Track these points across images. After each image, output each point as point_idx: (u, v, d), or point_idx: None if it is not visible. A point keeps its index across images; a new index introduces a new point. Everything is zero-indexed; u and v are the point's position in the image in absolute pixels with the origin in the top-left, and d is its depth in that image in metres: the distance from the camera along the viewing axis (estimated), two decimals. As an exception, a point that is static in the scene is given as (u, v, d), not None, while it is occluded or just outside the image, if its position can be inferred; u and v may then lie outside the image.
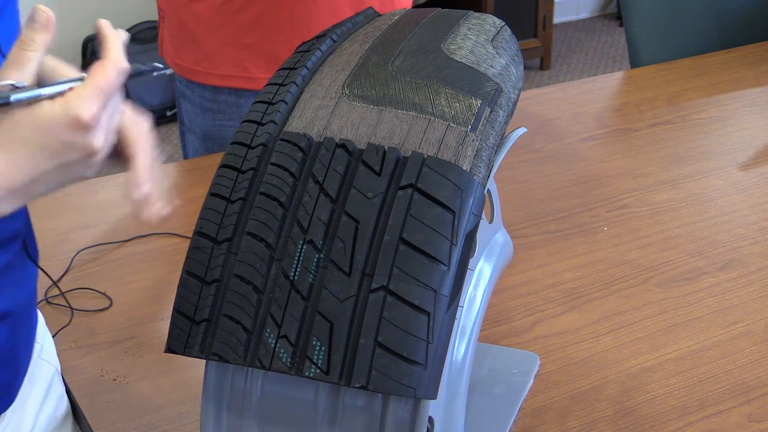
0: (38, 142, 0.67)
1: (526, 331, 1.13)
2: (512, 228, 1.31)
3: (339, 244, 0.67)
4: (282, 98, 0.76)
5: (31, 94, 0.67)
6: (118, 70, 0.72)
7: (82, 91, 0.69)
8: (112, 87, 0.71)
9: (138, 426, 0.99)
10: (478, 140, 0.73)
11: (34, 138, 0.67)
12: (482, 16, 0.89)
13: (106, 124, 0.71)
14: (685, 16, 2.02)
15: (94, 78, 0.70)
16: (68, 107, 0.67)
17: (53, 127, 0.67)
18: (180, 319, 0.70)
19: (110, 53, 0.72)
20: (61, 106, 0.67)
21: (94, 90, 0.69)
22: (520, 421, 0.99)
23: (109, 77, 0.70)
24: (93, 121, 0.68)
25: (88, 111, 0.68)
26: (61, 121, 0.67)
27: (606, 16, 4.80)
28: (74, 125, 0.68)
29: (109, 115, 0.72)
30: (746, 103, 1.72)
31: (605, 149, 1.56)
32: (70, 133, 0.68)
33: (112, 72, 0.71)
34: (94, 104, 0.68)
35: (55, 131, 0.67)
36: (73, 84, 0.70)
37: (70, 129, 0.68)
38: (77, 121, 0.68)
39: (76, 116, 0.67)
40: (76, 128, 0.68)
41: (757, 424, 0.99)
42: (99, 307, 1.17)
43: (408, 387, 0.64)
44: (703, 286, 1.21)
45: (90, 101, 0.68)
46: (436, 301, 0.65)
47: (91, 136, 0.69)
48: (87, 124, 0.68)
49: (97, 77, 0.70)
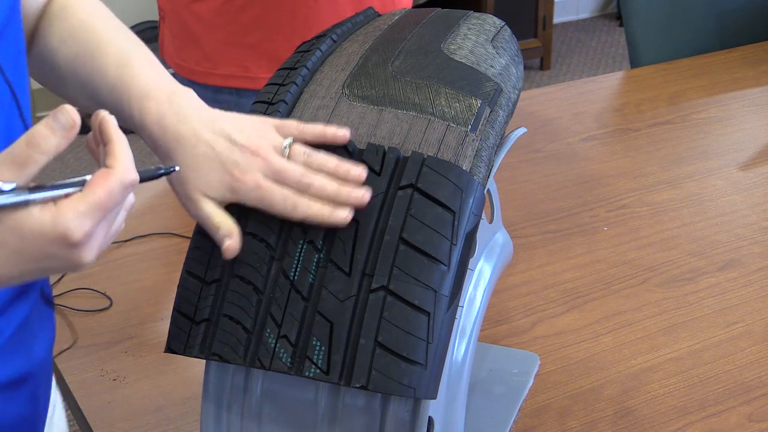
0: (18, 247, 0.60)
1: (526, 331, 1.13)
2: (512, 228, 1.31)
3: (339, 244, 0.67)
4: (282, 98, 0.76)
5: (18, 200, 0.59)
6: (125, 185, 0.62)
7: (77, 204, 0.59)
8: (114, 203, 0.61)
9: (138, 426, 0.99)
10: (478, 140, 0.73)
11: (13, 243, 0.59)
12: (482, 16, 0.89)
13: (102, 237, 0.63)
14: (685, 16, 2.02)
15: (95, 191, 0.60)
16: (58, 221, 0.59)
17: (37, 239, 0.59)
18: (180, 319, 0.70)
19: (117, 162, 0.62)
20: (51, 218, 0.59)
21: (92, 206, 0.60)
22: (520, 421, 0.99)
23: (112, 193, 0.61)
24: (84, 239, 0.60)
25: (80, 229, 0.59)
26: (46, 234, 0.59)
27: (606, 16, 4.80)
28: (62, 241, 0.59)
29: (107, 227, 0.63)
30: (746, 103, 1.72)
31: (605, 149, 1.56)
32: (54, 248, 0.60)
33: (116, 187, 0.61)
34: (87, 221, 0.60)
35: (39, 243, 0.59)
36: (70, 190, 0.60)
37: (56, 244, 0.60)
38: (65, 238, 0.59)
39: (65, 233, 0.59)
40: (62, 244, 0.60)
41: (757, 424, 0.99)
42: (99, 306, 1.17)
43: (408, 387, 0.64)
44: (703, 286, 1.21)
45: (84, 217, 0.59)
46: (436, 301, 0.65)
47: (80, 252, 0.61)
48: (76, 242, 0.60)
49: (98, 191, 0.60)
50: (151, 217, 1.35)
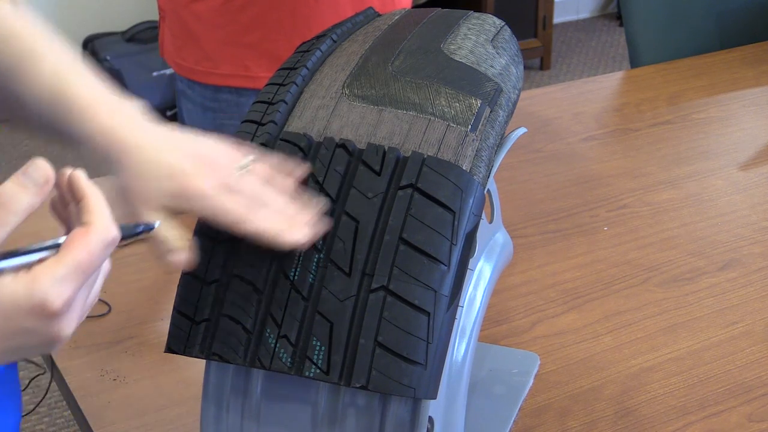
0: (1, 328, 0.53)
1: (526, 331, 1.13)
2: (512, 228, 1.31)
3: (339, 244, 0.67)
4: (282, 98, 0.76)
5: None
6: (106, 243, 0.56)
7: (55, 268, 0.53)
8: (96, 265, 0.55)
9: (138, 426, 0.99)
10: (478, 140, 0.73)
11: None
12: (482, 16, 0.89)
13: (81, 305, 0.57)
14: (685, 16, 2.02)
15: (73, 253, 0.54)
16: (34, 290, 0.53)
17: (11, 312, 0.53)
18: (180, 319, 0.70)
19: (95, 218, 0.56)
20: (25, 287, 0.53)
21: (71, 269, 0.54)
22: (520, 421, 0.99)
23: (92, 254, 0.55)
24: (63, 308, 0.54)
25: (59, 297, 0.53)
26: (22, 306, 0.53)
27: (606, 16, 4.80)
28: (39, 312, 0.53)
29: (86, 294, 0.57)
30: (746, 103, 1.72)
31: (605, 149, 1.56)
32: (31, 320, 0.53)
33: (97, 245, 0.55)
34: (67, 288, 0.54)
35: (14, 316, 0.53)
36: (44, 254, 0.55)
37: (32, 316, 0.53)
38: (43, 309, 0.53)
39: (43, 302, 0.53)
40: (40, 315, 0.53)
41: (757, 424, 0.99)
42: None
43: (408, 387, 0.64)
44: (703, 286, 1.21)
45: (63, 283, 0.53)
46: (436, 301, 0.65)
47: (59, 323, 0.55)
48: (55, 312, 0.54)
49: (76, 252, 0.54)
50: (151, 217, 1.35)
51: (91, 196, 0.57)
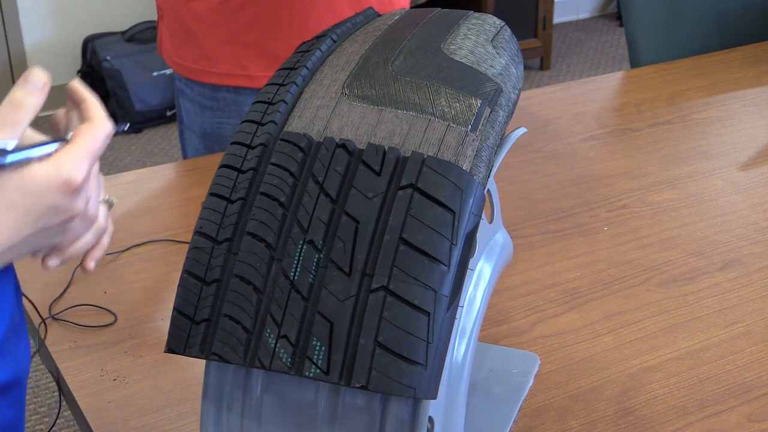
0: (26, 206, 0.65)
1: (526, 331, 1.13)
2: (512, 228, 1.31)
3: (339, 244, 0.67)
4: (282, 98, 0.76)
5: (23, 157, 0.65)
6: (106, 134, 0.70)
7: (73, 153, 0.67)
8: (100, 150, 0.69)
9: (138, 426, 0.99)
10: (478, 140, 0.73)
11: (22, 202, 0.65)
12: (482, 16, 0.89)
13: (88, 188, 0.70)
14: (685, 16, 2.02)
15: (83, 140, 0.68)
16: (60, 170, 0.65)
17: (44, 191, 0.65)
18: (180, 319, 0.70)
19: (95, 115, 0.71)
20: (54, 169, 0.65)
21: (85, 153, 0.67)
22: (520, 421, 0.99)
23: (98, 140, 0.69)
24: (83, 184, 0.67)
25: (80, 175, 0.66)
26: (52, 184, 0.65)
27: (606, 16, 4.80)
28: (65, 189, 0.66)
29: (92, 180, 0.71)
30: (746, 103, 1.72)
31: (605, 149, 1.56)
32: (59, 197, 0.66)
33: (101, 135, 0.69)
34: (84, 167, 0.67)
35: (46, 195, 0.65)
36: (59, 145, 0.67)
37: (60, 193, 0.66)
38: (69, 185, 0.66)
39: (69, 180, 0.66)
40: (66, 192, 0.66)
41: (757, 424, 0.99)
42: (103, 322, 1.17)
43: (408, 387, 0.64)
44: (703, 286, 1.21)
45: (81, 164, 0.67)
46: (436, 301, 0.65)
47: (77, 200, 0.67)
48: (77, 187, 0.66)
49: (86, 140, 0.68)
50: (151, 217, 1.35)
51: (90, 99, 0.71)
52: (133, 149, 3.56)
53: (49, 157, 0.66)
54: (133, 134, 3.67)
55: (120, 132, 0.75)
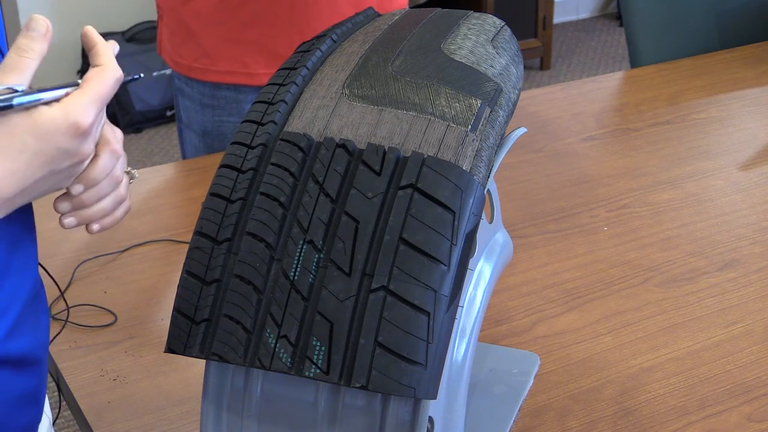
0: (36, 148, 0.66)
1: (526, 331, 1.13)
2: (512, 228, 1.31)
3: (339, 244, 0.67)
4: (282, 98, 0.76)
5: (32, 98, 0.66)
6: (116, 79, 0.72)
7: (81, 97, 0.68)
8: (109, 95, 0.71)
9: (138, 426, 0.99)
10: (478, 140, 0.73)
11: (32, 144, 0.66)
12: (482, 16, 0.89)
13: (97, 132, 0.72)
14: (685, 16, 2.02)
15: (92, 85, 0.70)
16: (68, 113, 0.67)
17: (53, 133, 0.67)
18: (180, 319, 0.70)
19: (107, 60, 0.72)
20: (62, 112, 0.67)
21: (93, 97, 0.69)
22: (520, 421, 0.99)
23: (107, 85, 0.71)
24: (91, 128, 0.68)
25: (87, 118, 0.68)
26: (60, 127, 0.67)
27: (606, 16, 4.80)
28: (73, 132, 0.67)
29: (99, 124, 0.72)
30: (746, 103, 1.72)
31: (605, 149, 1.56)
32: (67, 140, 0.68)
33: (110, 80, 0.71)
34: (92, 111, 0.68)
35: (55, 137, 0.67)
36: (69, 89, 0.69)
37: (68, 135, 0.67)
38: (77, 128, 0.67)
39: (76, 123, 0.67)
40: (74, 135, 0.68)
41: (757, 424, 0.99)
42: (103, 322, 1.17)
43: (408, 387, 0.64)
44: (703, 286, 1.21)
45: (89, 108, 0.68)
46: (436, 301, 0.65)
47: (86, 143, 0.69)
48: (85, 130, 0.68)
49: (95, 84, 0.70)
50: (151, 217, 1.35)
51: (101, 44, 0.73)
52: (133, 149, 3.56)
53: (58, 101, 0.67)
54: (133, 134, 3.67)
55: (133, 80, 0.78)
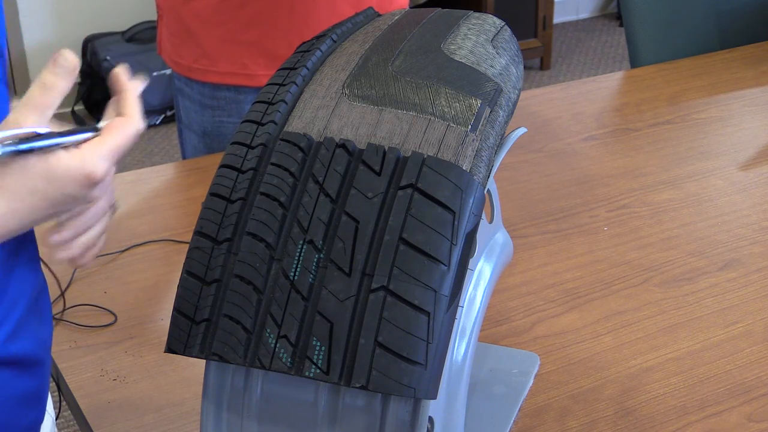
0: (46, 192, 0.66)
1: (526, 331, 1.13)
2: (512, 228, 1.31)
3: (339, 244, 0.67)
4: (282, 98, 0.76)
5: (52, 143, 0.66)
6: (137, 132, 0.71)
7: (99, 147, 0.68)
8: (128, 148, 0.71)
9: (138, 426, 0.99)
10: (478, 140, 0.73)
11: (42, 188, 0.66)
12: (482, 16, 0.89)
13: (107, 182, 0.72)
14: (685, 16, 2.02)
15: (113, 136, 0.69)
16: (85, 163, 0.67)
17: (66, 180, 0.67)
18: (180, 319, 0.70)
19: (132, 111, 0.72)
20: (78, 161, 0.67)
21: (112, 149, 0.69)
22: (520, 421, 0.99)
23: (128, 137, 0.70)
24: (103, 178, 0.68)
25: (102, 169, 0.68)
26: (75, 175, 0.67)
27: (606, 16, 4.80)
28: (86, 181, 0.67)
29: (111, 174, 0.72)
30: (746, 103, 1.72)
31: (605, 149, 1.56)
32: (78, 188, 0.67)
33: (132, 133, 0.71)
34: (107, 163, 0.68)
35: (67, 184, 0.67)
36: (88, 135, 0.69)
37: (80, 184, 0.67)
38: (90, 179, 0.67)
39: (91, 173, 0.67)
40: (86, 184, 0.67)
41: (757, 424, 0.99)
42: (103, 322, 1.17)
43: (408, 387, 0.64)
44: (703, 286, 1.21)
45: (106, 159, 0.68)
46: (436, 301, 0.65)
47: (94, 191, 0.69)
48: (97, 181, 0.68)
49: (115, 136, 0.69)
50: (151, 218, 1.35)
51: (130, 91, 0.73)
52: (133, 149, 3.57)
53: (76, 147, 0.67)
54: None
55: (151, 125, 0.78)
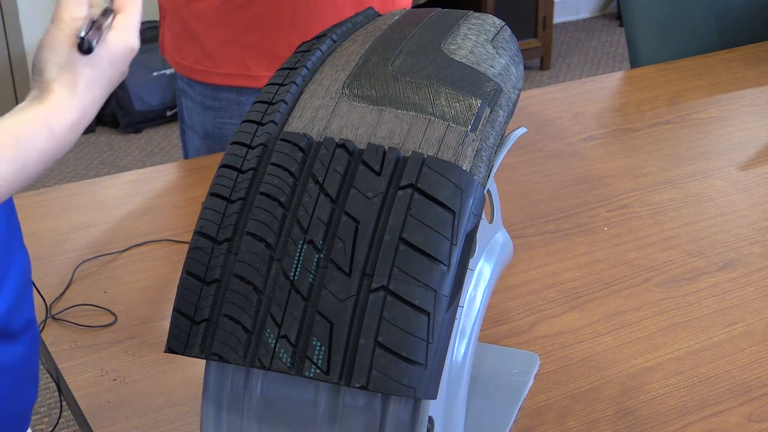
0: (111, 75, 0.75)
1: (526, 331, 1.13)
2: (512, 228, 1.31)
3: (339, 244, 0.67)
4: (282, 98, 0.76)
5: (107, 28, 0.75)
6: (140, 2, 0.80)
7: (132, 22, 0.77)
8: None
9: (138, 426, 0.99)
10: (478, 140, 0.73)
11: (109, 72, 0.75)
12: (482, 16, 0.89)
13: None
14: (685, 16, 2.02)
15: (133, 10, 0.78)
16: (128, 40, 0.76)
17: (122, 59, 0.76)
18: (180, 319, 0.70)
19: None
20: (124, 39, 0.76)
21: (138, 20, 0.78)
22: (520, 421, 0.99)
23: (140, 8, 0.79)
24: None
25: (138, 42, 0.77)
26: (126, 53, 0.76)
27: (606, 16, 4.80)
28: (131, 56, 0.77)
29: None
30: (746, 103, 1.72)
31: (605, 149, 1.56)
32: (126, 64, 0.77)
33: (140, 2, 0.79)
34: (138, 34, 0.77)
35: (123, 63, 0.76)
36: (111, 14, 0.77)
37: (128, 59, 0.77)
38: (133, 51, 0.77)
39: (134, 48, 0.77)
40: (130, 59, 0.77)
41: (757, 424, 0.99)
42: (103, 322, 1.17)
43: (408, 387, 0.64)
44: (703, 286, 1.21)
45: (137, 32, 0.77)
46: (436, 301, 0.65)
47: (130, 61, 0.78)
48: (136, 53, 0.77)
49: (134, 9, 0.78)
50: (151, 218, 1.35)
51: None
52: (133, 149, 3.56)
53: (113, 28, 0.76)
54: (133, 134, 3.67)
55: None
